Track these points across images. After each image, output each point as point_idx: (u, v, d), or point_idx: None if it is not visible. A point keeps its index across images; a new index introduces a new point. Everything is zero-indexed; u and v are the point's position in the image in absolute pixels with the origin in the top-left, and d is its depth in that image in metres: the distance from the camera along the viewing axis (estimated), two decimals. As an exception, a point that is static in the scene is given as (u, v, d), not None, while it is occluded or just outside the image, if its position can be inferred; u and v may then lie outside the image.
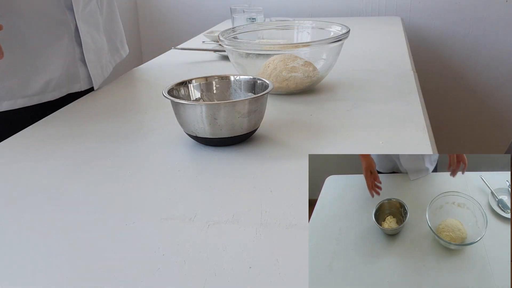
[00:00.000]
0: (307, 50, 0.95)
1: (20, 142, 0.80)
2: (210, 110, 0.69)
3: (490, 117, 2.13)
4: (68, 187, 0.64)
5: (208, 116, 0.69)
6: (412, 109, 0.85)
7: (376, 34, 1.67)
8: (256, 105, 0.71)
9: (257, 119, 0.74)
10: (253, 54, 0.96)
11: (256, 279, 0.45)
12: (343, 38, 0.95)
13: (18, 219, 0.57)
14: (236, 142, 0.73)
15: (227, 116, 0.69)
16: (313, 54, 0.97)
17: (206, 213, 0.55)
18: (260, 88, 0.78)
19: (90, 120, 0.88)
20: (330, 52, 0.97)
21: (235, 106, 0.69)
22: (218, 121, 0.69)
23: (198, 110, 0.69)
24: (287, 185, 0.61)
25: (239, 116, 0.70)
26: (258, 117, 0.74)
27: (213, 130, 0.70)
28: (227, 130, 0.70)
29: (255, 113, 0.72)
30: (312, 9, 2.16)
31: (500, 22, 2.01)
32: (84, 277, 0.46)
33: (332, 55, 0.98)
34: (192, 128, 0.71)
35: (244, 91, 0.81)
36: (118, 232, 0.53)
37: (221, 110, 0.69)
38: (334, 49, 0.97)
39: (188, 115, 0.70)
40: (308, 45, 0.94)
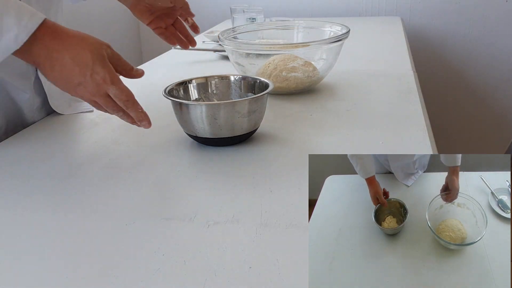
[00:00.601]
0: (306, 50, 0.95)
1: (21, 142, 0.80)
2: (210, 110, 0.69)
3: (490, 117, 2.13)
4: (68, 187, 0.64)
5: (208, 116, 0.69)
6: (412, 109, 0.85)
7: (376, 34, 1.67)
8: (256, 105, 0.71)
9: (257, 119, 0.74)
10: (253, 54, 0.96)
11: (256, 279, 0.45)
12: (343, 38, 0.95)
13: (18, 219, 0.57)
14: (236, 142, 0.73)
15: (227, 116, 0.69)
16: (312, 54, 0.97)
17: (206, 213, 0.55)
18: (260, 88, 0.78)
19: (90, 120, 0.88)
20: (329, 52, 0.97)
21: (235, 106, 0.69)
22: (218, 121, 0.69)
23: (198, 110, 0.69)
24: (287, 185, 0.61)
25: (239, 116, 0.70)
26: (258, 117, 0.73)
27: (213, 130, 0.70)
28: (227, 130, 0.70)
29: (255, 113, 0.72)
30: (312, 9, 2.16)
31: (500, 22, 2.01)
32: (84, 277, 0.46)
33: (331, 55, 0.98)
34: (192, 128, 0.71)
35: (244, 91, 0.81)
36: (118, 232, 0.53)
37: (221, 110, 0.69)
38: (334, 49, 0.97)
39: (188, 115, 0.70)
40: (308, 45, 0.94)
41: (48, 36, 0.63)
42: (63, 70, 0.63)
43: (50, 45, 0.63)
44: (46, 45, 0.63)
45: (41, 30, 0.63)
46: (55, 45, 0.63)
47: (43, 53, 0.63)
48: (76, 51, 0.63)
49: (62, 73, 0.63)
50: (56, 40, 0.63)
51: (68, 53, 0.63)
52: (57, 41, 0.63)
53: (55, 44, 0.63)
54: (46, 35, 0.63)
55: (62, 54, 0.63)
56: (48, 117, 0.90)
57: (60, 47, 0.63)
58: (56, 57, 0.63)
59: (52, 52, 0.63)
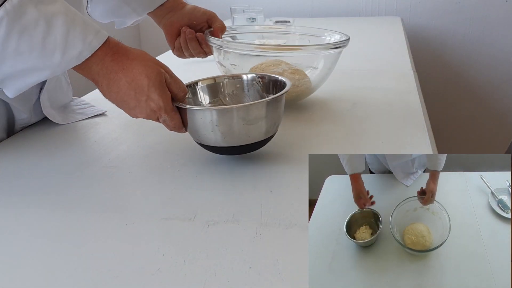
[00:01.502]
0: (295, 54, 0.85)
1: (21, 141, 0.80)
2: (214, 116, 0.62)
3: (490, 117, 2.13)
4: (68, 187, 0.64)
5: (211, 122, 0.62)
6: (412, 109, 0.85)
7: (376, 34, 1.67)
8: (262, 111, 0.62)
9: (268, 126, 0.64)
10: (236, 54, 0.86)
11: (256, 279, 0.45)
12: (341, 45, 0.84)
13: (18, 218, 0.57)
14: (247, 151, 0.66)
15: (231, 123, 0.62)
16: (305, 60, 0.87)
17: (206, 213, 0.55)
18: (279, 89, 0.68)
19: (90, 120, 0.88)
20: (323, 60, 0.86)
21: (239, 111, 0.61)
22: (220, 128, 0.62)
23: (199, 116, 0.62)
24: (287, 185, 0.61)
25: (245, 123, 0.61)
26: (267, 124, 0.64)
27: (217, 138, 0.63)
28: (231, 138, 0.63)
29: (264, 120, 0.63)
30: (312, 9, 2.16)
31: (500, 22, 2.01)
32: (84, 277, 0.46)
33: (327, 63, 0.87)
34: (196, 135, 0.65)
35: (264, 91, 0.71)
36: (118, 232, 0.53)
37: (222, 116, 0.61)
38: (330, 57, 0.86)
39: (192, 122, 0.64)
40: (296, 49, 0.85)
41: (109, 57, 0.63)
42: (119, 92, 0.63)
43: (109, 66, 0.63)
44: (106, 65, 0.63)
45: (103, 49, 0.63)
46: (114, 66, 0.63)
47: (102, 72, 0.63)
48: (133, 75, 0.62)
49: (118, 95, 0.64)
50: (115, 62, 0.63)
51: (125, 77, 0.63)
52: (116, 63, 0.63)
53: (114, 65, 0.63)
54: (107, 56, 0.63)
55: (119, 76, 0.63)
56: (48, 117, 0.90)
57: (119, 68, 0.63)
58: (114, 78, 0.63)
59: (110, 73, 0.63)
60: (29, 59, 0.61)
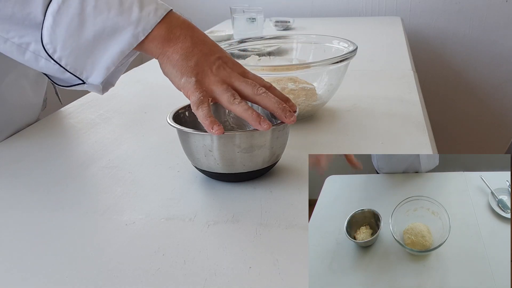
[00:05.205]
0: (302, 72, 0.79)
1: (20, 141, 0.80)
2: (203, 140, 0.58)
3: (490, 117, 2.14)
4: (68, 187, 0.64)
5: (203, 147, 0.58)
6: (412, 109, 0.85)
7: (376, 34, 1.67)
8: (263, 139, 0.57)
9: (265, 156, 0.59)
10: None
11: (256, 279, 0.45)
12: (348, 57, 0.81)
13: (17, 218, 0.57)
14: (243, 179, 0.62)
15: (224, 150, 0.57)
16: (308, 77, 0.82)
17: (206, 213, 0.55)
18: None
19: (90, 120, 0.88)
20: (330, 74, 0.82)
21: (233, 139, 0.57)
22: (213, 153, 0.58)
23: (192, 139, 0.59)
24: (287, 185, 0.61)
25: (239, 151, 0.57)
26: (266, 154, 0.59)
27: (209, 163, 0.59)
28: (224, 165, 0.59)
29: (262, 149, 0.58)
30: (312, 9, 2.16)
31: (500, 22, 2.01)
32: (84, 277, 0.46)
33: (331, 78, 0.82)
34: (192, 158, 0.62)
35: (269, 115, 0.64)
36: (118, 232, 0.53)
37: (216, 142, 0.57)
38: (336, 71, 0.80)
39: (187, 144, 0.61)
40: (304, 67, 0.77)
41: (182, 18, 0.65)
42: (198, 43, 0.63)
43: (187, 21, 0.65)
44: (184, 20, 0.65)
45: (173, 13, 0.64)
46: (190, 23, 0.65)
47: (183, 25, 0.64)
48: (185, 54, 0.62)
49: (197, 45, 0.63)
50: (188, 22, 0.65)
51: (205, 35, 0.65)
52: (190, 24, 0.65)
53: (190, 23, 0.65)
54: (180, 17, 0.64)
55: (199, 31, 0.65)
56: (48, 117, 0.90)
57: (196, 27, 0.65)
58: (196, 29, 0.65)
59: (190, 25, 0.65)
60: (108, 18, 0.60)
